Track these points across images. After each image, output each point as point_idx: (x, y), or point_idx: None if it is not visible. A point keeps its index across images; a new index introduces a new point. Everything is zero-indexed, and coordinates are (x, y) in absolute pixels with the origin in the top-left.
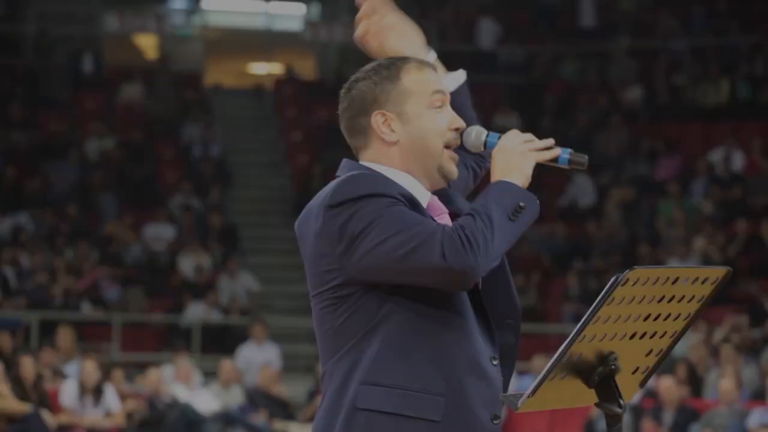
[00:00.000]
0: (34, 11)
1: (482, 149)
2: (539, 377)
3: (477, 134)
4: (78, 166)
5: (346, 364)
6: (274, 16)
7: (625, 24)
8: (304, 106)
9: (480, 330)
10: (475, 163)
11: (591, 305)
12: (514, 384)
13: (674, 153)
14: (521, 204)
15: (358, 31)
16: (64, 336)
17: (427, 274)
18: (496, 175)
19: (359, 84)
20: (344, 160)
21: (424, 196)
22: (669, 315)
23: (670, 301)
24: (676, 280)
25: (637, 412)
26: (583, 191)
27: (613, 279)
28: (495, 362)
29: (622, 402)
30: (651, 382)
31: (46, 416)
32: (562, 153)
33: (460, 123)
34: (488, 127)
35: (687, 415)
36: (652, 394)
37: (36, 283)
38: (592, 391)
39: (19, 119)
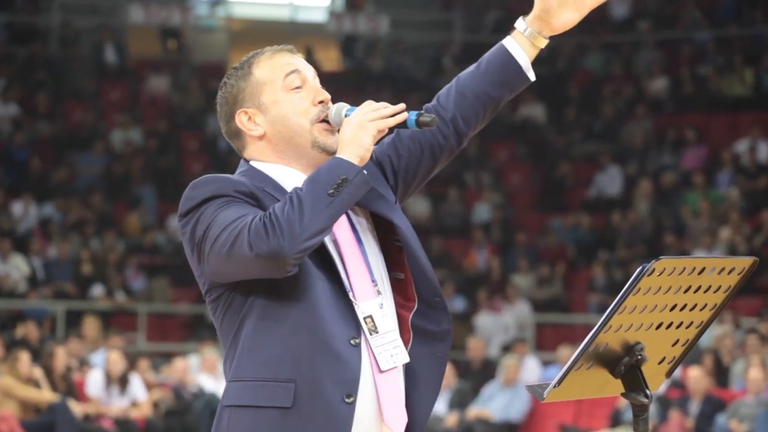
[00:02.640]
0: (58, 2)
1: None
2: (565, 367)
3: (337, 111)
4: (103, 157)
5: (228, 364)
6: (299, 7)
7: (650, 14)
8: None
9: (339, 312)
10: (442, 137)
11: (616, 296)
12: (540, 374)
13: (699, 143)
14: (344, 177)
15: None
16: (90, 326)
17: (247, 265)
18: (338, 149)
19: (221, 91)
20: (241, 161)
21: (297, 183)
22: (695, 305)
23: (696, 291)
24: (702, 270)
25: (664, 402)
26: (610, 182)
27: (639, 269)
28: (354, 342)
29: (648, 392)
30: (677, 373)
31: (73, 405)
32: (410, 116)
33: (325, 96)
34: (512, 117)
35: (713, 405)
36: (678, 385)
37: (62, 274)
38: (619, 382)
39: (44, 110)
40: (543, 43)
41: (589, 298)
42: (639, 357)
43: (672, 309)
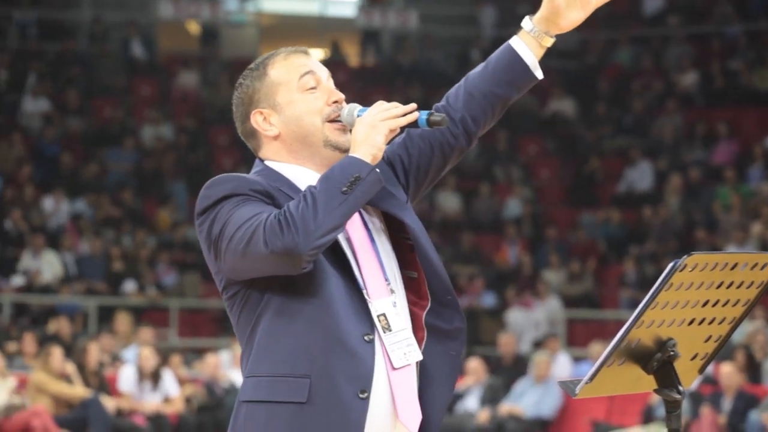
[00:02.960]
0: None
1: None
2: (597, 363)
3: (350, 111)
4: (134, 153)
5: (244, 360)
6: (328, 2)
7: (681, 9)
8: (356, 92)
9: (353, 309)
10: (452, 136)
11: (648, 291)
12: (572, 370)
13: (730, 138)
14: (357, 175)
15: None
16: (122, 321)
17: (262, 262)
18: (350, 149)
19: (236, 92)
20: (256, 160)
21: (311, 183)
22: (728, 301)
23: (728, 287)
24: (735, 265)
25: (696, 398)
26: (640, 176)
27: (671, 265)
28: (368, 338)
29: (681, 388)
30: (709, 369)
31: (105, 401)
32: (421, 115)
33: (338, 96)
34: (541, 112)
35: (746, 401)
36: (710, 381)
37: (94, 269)
38: (651, 378)
39: (75, 106)
40: (550, 42)
41: (620, 294)
42: (671, 353)
43: (704, 305)
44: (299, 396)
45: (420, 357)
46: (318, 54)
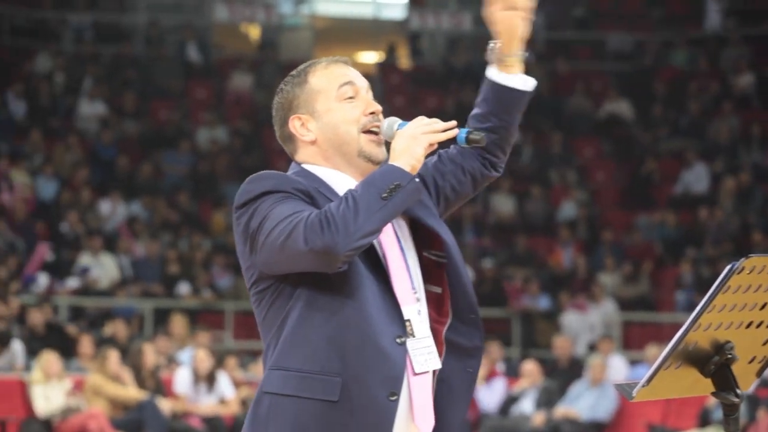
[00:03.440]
0: (144, 2)
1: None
2: (654, 366)
3: (389, 125)
4: (189, 156)
5: (268, 353)
6: (381, 5)
7: (737, 11)
8: (410, 95)
9: (385, 312)
10: (482, 164)
11: (704, 294)
12: (627, 373)
13: None
14: (397, 183)
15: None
16: (178, 324)
17: (299, 258)
18: (390, 158)
19: (277, 97)
20: (292, 163)
21: (348, 187)
22: None
23: None
24: None
25: (753, 401)
26: (697, 178)
27: (728, 267)
28: (400, 341)
29: (739, 392)
30: (767, 372)
31: (161, 403)
32: (460, 133)
33: (376, 107)
34: (596, 114)
35: None
36: None
37: (150, 272)
38: (708, 381)
39: (131, 109)
40: (521, 58)
41: (676, 296)
42: (729, 356)
43: (762, 307)
44: (331, 394)
45: (439, 365)
46: (372, 57)
